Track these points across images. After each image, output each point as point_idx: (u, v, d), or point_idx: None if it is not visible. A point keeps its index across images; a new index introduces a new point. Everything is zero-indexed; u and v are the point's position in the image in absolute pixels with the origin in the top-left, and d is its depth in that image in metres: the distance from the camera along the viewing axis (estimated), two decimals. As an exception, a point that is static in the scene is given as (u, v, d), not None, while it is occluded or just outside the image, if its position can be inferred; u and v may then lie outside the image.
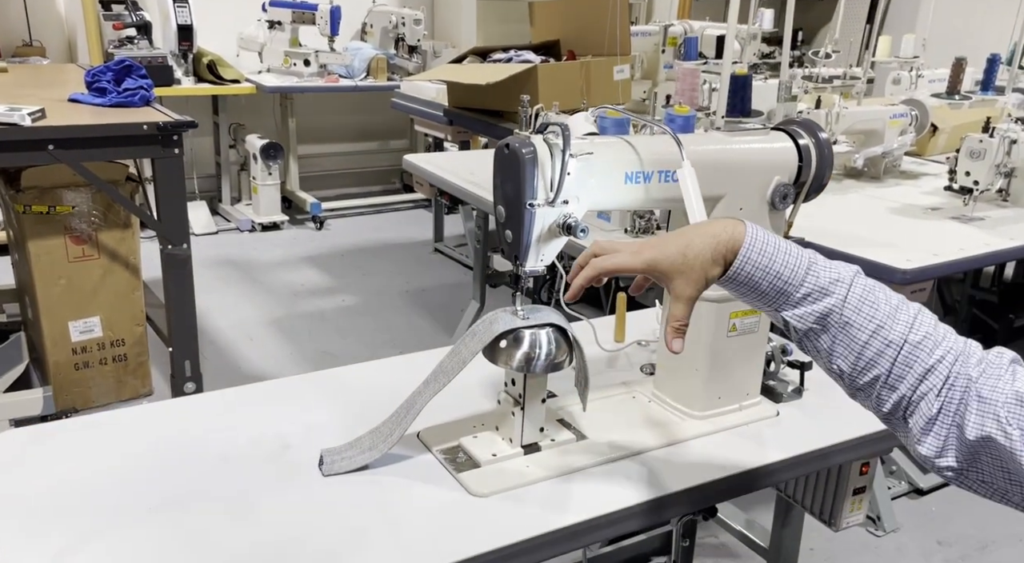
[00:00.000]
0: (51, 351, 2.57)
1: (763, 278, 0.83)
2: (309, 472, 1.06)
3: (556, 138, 1.00)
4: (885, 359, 0.80)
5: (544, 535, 0.97)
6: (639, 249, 0.88)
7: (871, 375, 0.81)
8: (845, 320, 0.81)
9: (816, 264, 0.83)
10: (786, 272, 0.82)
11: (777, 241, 0.84)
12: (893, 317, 0.81)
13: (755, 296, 0.85)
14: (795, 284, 0.82)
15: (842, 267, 0.84)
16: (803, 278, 0.82)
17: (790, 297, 0.83)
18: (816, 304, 0.82)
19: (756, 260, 0.83)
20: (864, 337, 0.80)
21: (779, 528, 1.52)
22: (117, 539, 0.92)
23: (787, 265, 0.82)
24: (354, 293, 3.91)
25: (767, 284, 0.83)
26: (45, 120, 2.14)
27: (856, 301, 0.81)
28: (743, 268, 0.83)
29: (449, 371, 1.06)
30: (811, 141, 1.16)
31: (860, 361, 0.81)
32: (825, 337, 0.82)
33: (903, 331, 0.80)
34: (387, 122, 5.54)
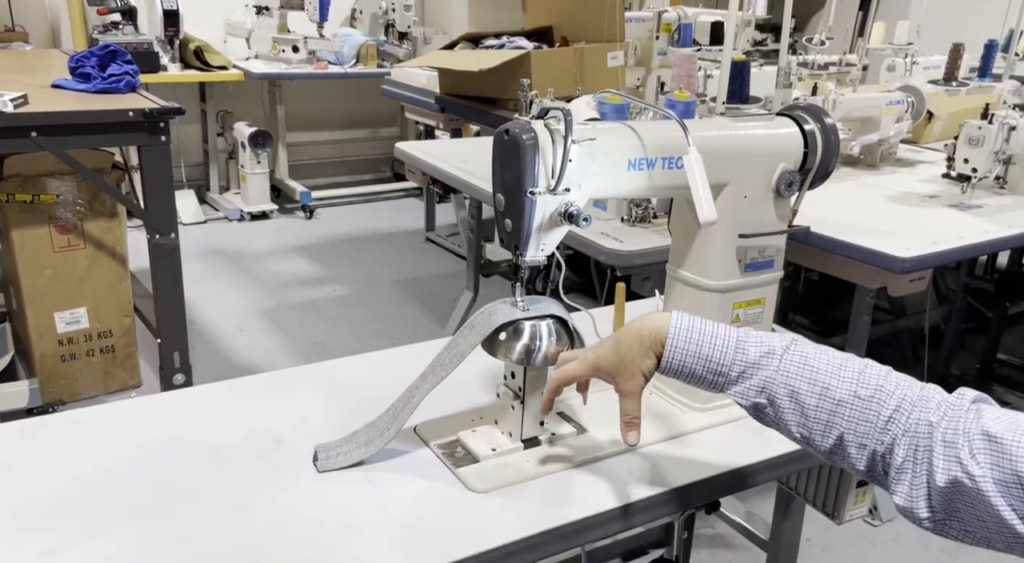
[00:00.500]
0: (37, 343, 2.53)
1: (695, 363, 0.87)
2: (303, 468, 1.03)
3: (557, 124, 0.97)
4: (840, 419, 0.81)
5: (547, 532, 0.94)
6: (583, 355, 0.95)
7: (833, 437, 0.82)
8: (789, 389, 0.83)
9: (745, 341, 0.87)
10: (715, 354, 0.87)
11: (703, 326, 0.88)
12: (838, 376, 0.82)
13: (696, 381, 0.89)
14: (727, 364, 0.86)
15: (774, 339, 0.87)
16: (733, 357, 0.86)
17: (727, 377, 0.87)
18: (752, 379, 0.85)
19: (684, 347, 0.87)
20: (812, 401, 0.83)
21: (780, 520, 1.50)
22: (105, 539, 0.88)
23: (715, 347, 0.87)
24: (345, 283, 3.87)
25: (701, 368, 0.87)
26: (28, 106, 2.09)
27: (795, 368, 0.84)
28: (673, 357, 0.88)
29: (447, 364, 1.03)
30: (817, 127, 1.14)
31: (816, 425, 0.83)
32: (771, 409, 0.85)
33: (850, 388, 0.82)
34: (377, 110, 5.48)
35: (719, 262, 1.13)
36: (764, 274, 1.16)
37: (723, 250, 1.12)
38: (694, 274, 1.15)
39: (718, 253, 1.12)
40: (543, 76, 3.04)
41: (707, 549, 2.12)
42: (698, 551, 2.08)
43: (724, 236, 1.11)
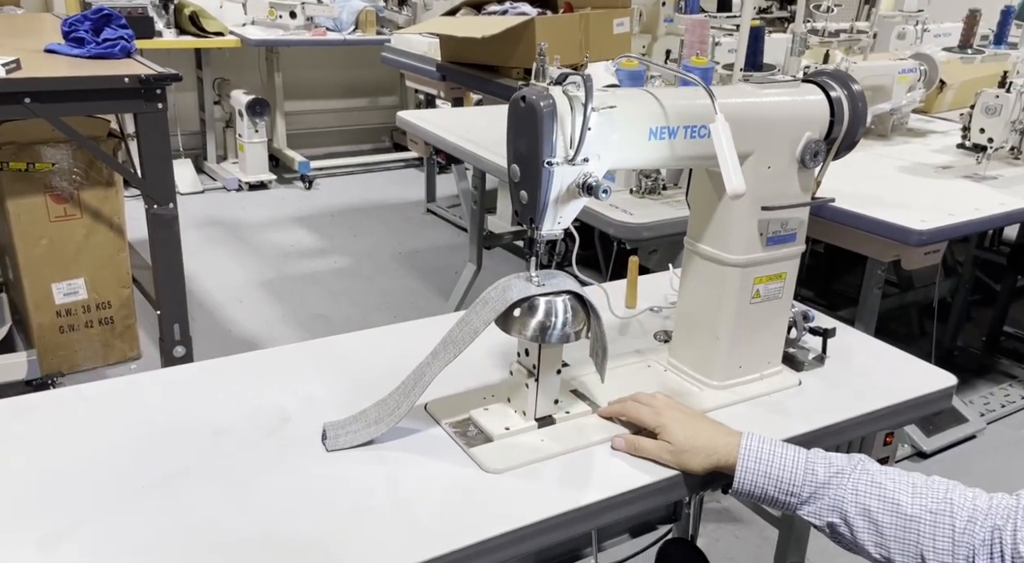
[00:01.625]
0: (34, 313, 2.49)
1: (767, 484, 0.91)
2: (310, 447, 1.00)
3: (577, 90, 0.92)
4: (915, 535, 0.83)
5: (564, 514, 0.91)
6: (662, 411, 1.00)
7: (913, 555, 0.83)
8: (861, 507, 0.86)
9: (815, 462, 0.90)
10: (785, 475, 0.90)
11: (772, 448, 0.92)
12: (906, 492, 0.85)
13: (769, 502, 0.92)
14: (797, 484, 0.90)
15: (842, 459, 0.90)
16: (803, 478, 0.90)
17: (799, 497, 0.90)
18: (823, 499, 0.89)
19: (755, 468, 0.92)
20: (886, 519, 0.85)
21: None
22: (107, 522, 0.86)
23: (784, 468, 0.91)
24: (345, 254, 3.83)
25: (773, 489, 0.91)
26: (20, 71, 2.03)
27: (864, 486, 0.87)
28: (744, 478, 0.92)
29: (459, 341, 1.00)
30: (843, 94, 1.09)
31: (894, 543, 0.84)
32: (846, 529, 0.88)
33: (920, 503, 0.84)
34: (377, 78, 5.39)
35: (740, 235, 1.09)
36: (786, 248, 1.13)
37: (745, 223, 1.08)
38: (714, 248, 1.11)
39: (740, 226, 1.08)
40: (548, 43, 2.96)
41: (713, 523, 2.12)
42: (704, 525, 2.07)
43: (746, 208, 1.07)
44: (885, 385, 1.21)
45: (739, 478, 0.92)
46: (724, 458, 0.94)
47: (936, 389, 1.20)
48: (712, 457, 0.94)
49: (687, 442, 0.96)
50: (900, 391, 1.19)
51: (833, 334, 1.25)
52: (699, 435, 0.96)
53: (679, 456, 0.96)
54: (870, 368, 1.26)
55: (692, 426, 0.97)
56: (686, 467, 0.96)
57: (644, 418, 1.00)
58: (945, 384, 1.21)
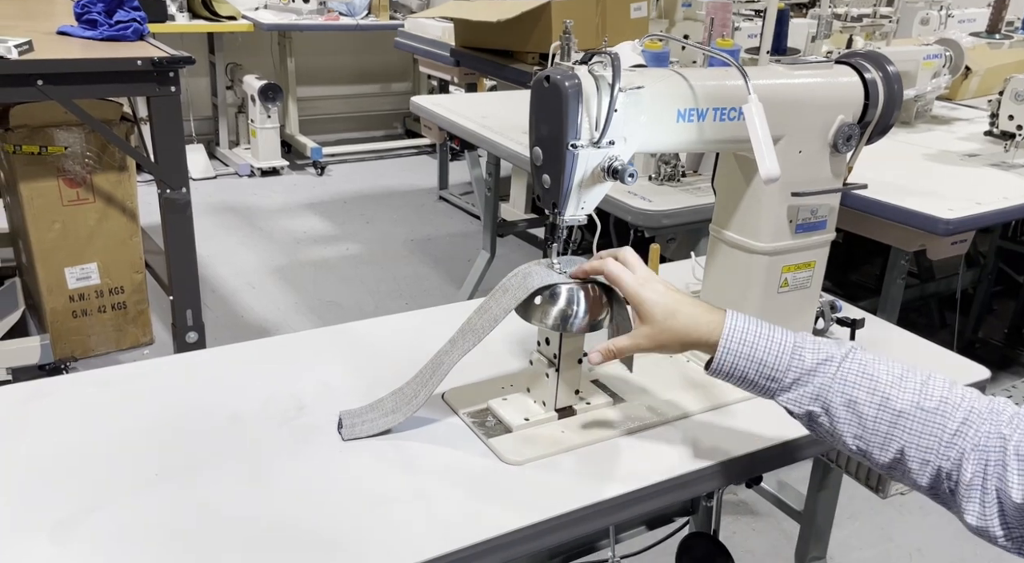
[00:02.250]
0: (47, 298, 2.48)
1: (748, 367, 0.84)
2: (326, 435, 0.97)
3: (603, 69, 0.89)
4: (901, 431, 0.78)
5: (585, 508, 0.89)
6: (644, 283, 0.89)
7: (893, 451, 0.78)
8: (847, 398, 0.80)
9: (802, 347, 0.83)
10: (770, 359, 0.83)
11: (759, 328, 0.84)
12: (899, 386, 0.79)
13: (746, 385, 0.85)
14: (782, 369, 0.83)
15: (832, 346, 0.83)
16: (788, 363, 0.82)
17: (781, 383, 0.83)
18: (807, 386, 0.82)
19: (737, 350, 0.84)
20: (871, 412, 0.79)
21: (815, 492, 1.45)
22: (120, 509, 0.84)
23: (770, 351, 0.83)
24: (357, 241, 3.80)
25: (754, 373, 0.84)
26: (33, 53, 2.01)
27: (853, 377, 0.80)
28: (725, 359, 0.84)
29: (479, 330, 0.97)
30: (879, 75, 1.05)
31: (875, 437, 0.79)
32: (826, 418, 0.82)
33: (913, 399, 0.78)
34: (390, 63, 5.35)
35: (769, 222, 1.05)
36: (816, 235, 1.09)
37: (774, 209, 1.05)
38: (741, 235, 1.08)
39: (768, 213, 1.05)
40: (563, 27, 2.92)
41: (730, 515, 2.09)
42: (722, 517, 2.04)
43: (776, 194, 1.03)
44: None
45: (719, 359, 0.84)
46: (706, 336, 0.85)
47: (968, 382, 1.16)
48: (692, 335, 0.86)
49: (665, 321, 0.86)
50: (930, 384, 1.16)
51: (862, 325, 1.22)
52: (679, 311, 0.86)
53: (657, 337, 0.87)
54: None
55: (672, 301, 0.87)
56: (664, 348, 0.88)
57: (625, 283, 0.89)
58: (978, 377, 1.17)
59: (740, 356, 0.84)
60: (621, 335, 1.03)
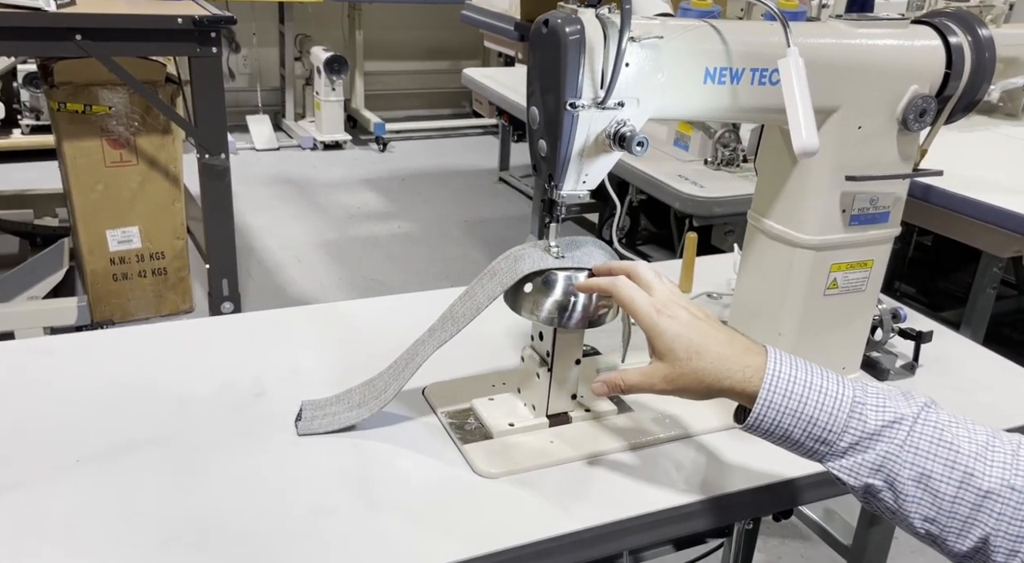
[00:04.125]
0: (88, 259, 2.48)
1: (793, 425, 0.66)
2: (281, 428, 0.86)
3: (614, 15, 0.74)
4: (986, 515, 0.62)
5: (562, 537, 0.75)
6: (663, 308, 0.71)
7: (974, 538, 0.62)
8: (918, 471, 0.64)
9: (863, 403, 0.66)
10: (822, 416, 0.65)
11: (808, 376, 0.66)
12: (985, 459, 0.63)
13: (789, 446, 0.68)
14: (836, 431, 0.65)
15: (900, 402, 0.66)
16: (845, 423, 0.65)
17: (833, 446, 0.66)
18: (866, 453, 0.65)
19: (781, 403, 0.66)
20: (950, 490, 0.63)
21: (866, 527, 1.26)
22: (26, 496, 0.74)
23: (822, 407, 0.65)
24: (411, 220, 3.72)
25: (800, 432, 0.66)
26: (73, 7, 1.97)
27: (927, 445, 0.64)
28: (765, 414, 0.66)
29: (459, 318, 0.84)
30: (966, 40, 0.86)
31: (952, 521, 0.63)
32: (889, 494, 0.65)
33: (1002, 475, 0.62)
34: (459, 40, 5.24)
35: (816, 211, 0.88)
36: (875, 230, 0.91)
37: (823, 195, 0.87)
38: (782, 225, 0.91)
39: (816, 199, 0.87)
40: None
41: (778, 538, 1.90)
42: (765, 540, 1.86)
43: (826, 177, 0.86)
44: (991, 403, 0.99)
45: (758, 414, 0.67)
46: (740, 384, 0.67)
47: (1059, 416, 0.97)
48: (723, 381, 0.68)
49: (689, 362, 0.69)
50: (1011, 413, 0.97)
51: (929, 338, 1.03)
52: (707, 349, 0.69)
53: (677, 380, 0.70)
54: (973, 382, 1.03)
55: (699, 335, 0.70)
56: (685, 392, 0.70)
57: (639, 306, 0.71)
58: (1072, 411, 0.97)
59: (784, 412, 0.66)
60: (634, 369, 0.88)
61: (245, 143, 4.49)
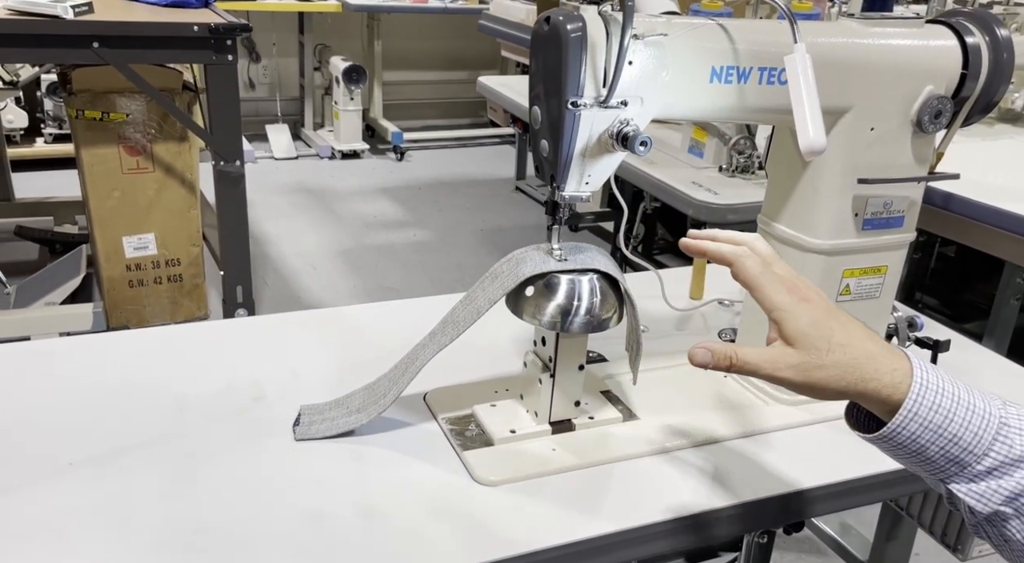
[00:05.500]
0: (104, 266, 2.49)
1: (932, 441, 0.59)
2: (279, 433, 0.85)
3: (618, 12, 0.72)
4: None
5: (563, 547, 0.73)
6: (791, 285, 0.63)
7: None
8: None
9: (1008, 426, 0.59)
10: (966, 435, 0.58)
11: (956, 390, 0.59)
12: None
13: (916, 462, 0.61)
14: (977, 453, 0.58)
15: None
16: (989, 445, 0.58)
17: (968, 469, 0.59)
18: (1004, 479, 0.58)
19: (926, 416, 0.58)
20: None
21: (883, 542, 1.22)
22: (17, 500, 0.73)
23: (968, 425, 0.58)
24: (427, 228, 3.71)
25: (936, 449, 0.59)
26: (91, 15, 1.99)
27: None
28: (906, 426, 0.59)
29: (460, 322, 0.82)
30: (984, 40, 0.84)
31: None
32: (1017, 523, 0.58)
33: None
34: (477, 50, 5.25)
35: (828, 214, 0.86)
36: (889, 234, 0.88)
37: (835, 198, 0.85)
38: (793, 229, 0.89)
39: (828, 202, 0.85)
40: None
41: (794, 553, 1.86)
42: (781, 555, 1.82)
43: (838, 180, 0.84)
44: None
45: (900, 424, 0.59)
46: (887, 390, 0.59)
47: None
48: (868, 383, 0.59)
49: (830, 354, 0.60)
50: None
51: (946, 348, 0.99)
52: (852, 344, 0.60)
53: (812, 374, 0.60)
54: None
55: (839, 325, 0.61)
56: (816, 390, 0.61)
57: (766, 283, 0.63)
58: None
59: (927, 426, 0.58)
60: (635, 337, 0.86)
61: (264, 152, 4.52)
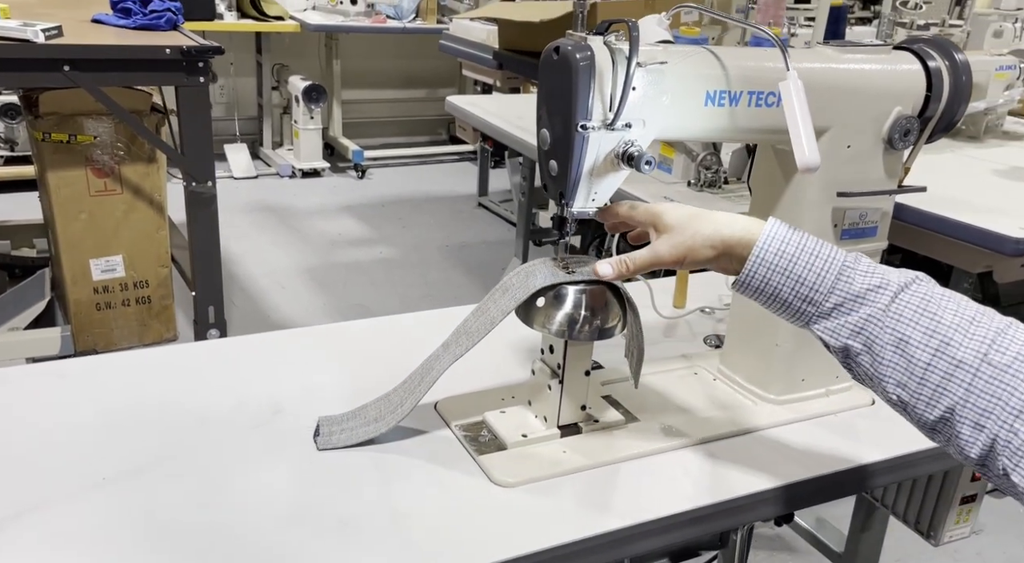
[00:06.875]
0: (71, 289, 2.46)
1: (783, 283, 0.71)
2: (300, 443, 0.88)
3: (621, 42, 0.78)
4: (956, 384, 0.63)
5: (583, 541, 0.77)
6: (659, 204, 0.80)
7: (942, 407, 0.64)
8: (897, 336, 0.66)
9: (853, 268, 0.70)
10: (810, 277, 0.70)
11: (803, 240, 0.71)
12: (965, 331, 0.64)
13: (778, 307, 0.72)
14: (823, 291, 0.69)
15: (891, 272, 0.69)
16: (832, 284, 0.69)
17: (820, 307, 0.70)
18: (849, 315, 0.68)
19: (773, 262, 0.71)
20: (924, 357, 0.65)
21: (857, 532, 1.30)
22: (58, 513, 0.75)
23: (812, 268, 0.70)
24: (393, 245, 3.74)
25: (788, 291, 0.71)
26: (61, 39, 1.98)
27: (910, 312, 0.66)
28: (756, 271, 0.71)
29: (474, 333, 0.86)
30: (944, 64, 0.92)
31: (924, 388, 0.65)
32: (867, 358, 0.68)
33: (979, 348, 0.63)
34: (435, 68, 5.31)
35: (810, 226, 0.91)
36: (865, 243, 0.96)
37: (816, 211, 0.92)
38: (778, 239, 0.95)
39: (810, 215, 0.92)
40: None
41: (765, 551, 1.94)
42: (754, 553, 1.89)
43: (819, 194, 0.91)
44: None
45: (750, 269, 0.71)
46: (739, 235, 0.72)
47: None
48: (723, 231, 0.73)
49: (690, 223, 0.75)
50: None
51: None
52: (704, 213, 0.76)
53: (680, 243, 0.75)
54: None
55: (695, 209, 0.77)
56: (690, 250, 0.75)
57: (640, 209, 0.80)
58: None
59: (774, 269, 0.70)
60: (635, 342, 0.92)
61: (223, 171, 4.49)
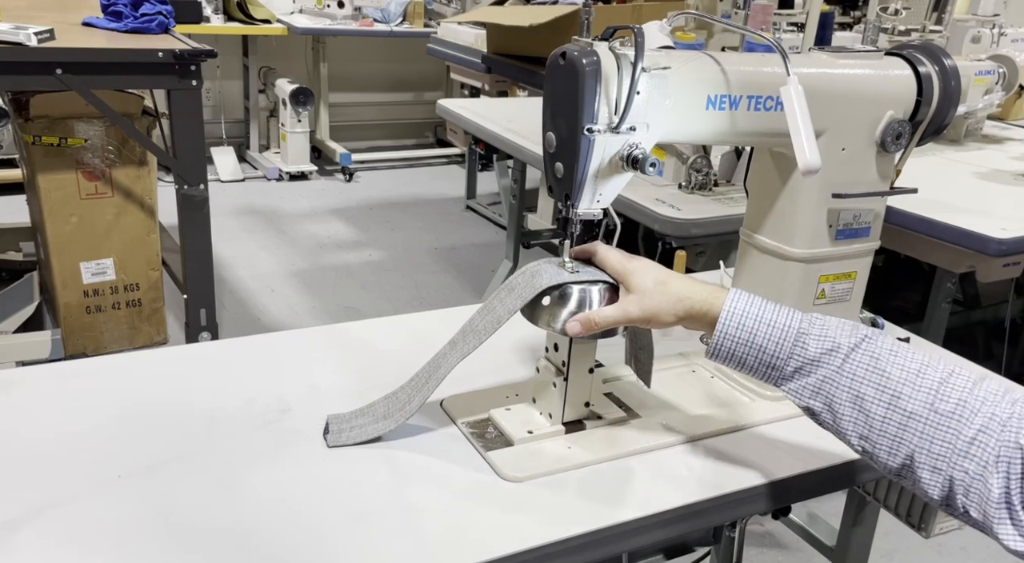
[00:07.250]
0: (61, 292, 2.45)
1: (747, 353, 0.77)
2: (310, 441, 0.89)
3: (626, 48, 0.80)
4: (911, 434, 0.70)
5: (591, 534, 0.79)
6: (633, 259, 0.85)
7: (902, 456, 0.71)
8: (853, 394, 0.73)
9: (807, 334, 0.76)
10: (770, 346, 0.76)
11: (761, 312, 0.77)
12: (913, 384, 0.71)
13: (748, 371, 0.79)
14: (783, 357, 0.76)
15: (843, 333, 0.75)
16: (791, 351, 0.75)
17: (782, 371, 0.77)
18: (808, 378, 0.75)
19: (735, 335, 0.77)
20: (879, 411, 0.71)
21: (849, 526, 1.33)
22: (74, 511, 0.76)
23: (771, 338, 0.76)
24: (381, 248, 3.75)
25: (753, 359, 0.77)
26: (53, 42, 1.98)
27: (862, 371, 0.73)
28: (723, 344, 0.78)
29: (481, 331, 0.88)
30: (934, 70, 0.95)
31: (883, 439, 0.71)
32: (828, 415, 0.75)
33: (926, 399, 0.70)
34: (423, 72, 5.32)
35: (806, 226, 0.95)
36: (858, 243, 0.99)
37: (812, 212, 0.95)
38: (774, 240, 0.98)
39: (806, 215, 0.95)
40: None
41: (756, 547, 1.97)
42: (746, 549, 1.92)
43: (814, 195, 0.94)
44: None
45: (716, 343, 0.78)
46: (702, 306, 0.79)
47: None
48: (687, 301, 0.79)
49: (656, 287, 0.81)
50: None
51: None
52: (672, 280, 0.82)
53: (647, 304, 0.81)
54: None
55: (664, 273, 0.83)
56: (655, 314, 0.81)
57: (612, 261, 0.85)
58: None
59: (738, 342, 0.77)
60: (639, 343, 0.94)
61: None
